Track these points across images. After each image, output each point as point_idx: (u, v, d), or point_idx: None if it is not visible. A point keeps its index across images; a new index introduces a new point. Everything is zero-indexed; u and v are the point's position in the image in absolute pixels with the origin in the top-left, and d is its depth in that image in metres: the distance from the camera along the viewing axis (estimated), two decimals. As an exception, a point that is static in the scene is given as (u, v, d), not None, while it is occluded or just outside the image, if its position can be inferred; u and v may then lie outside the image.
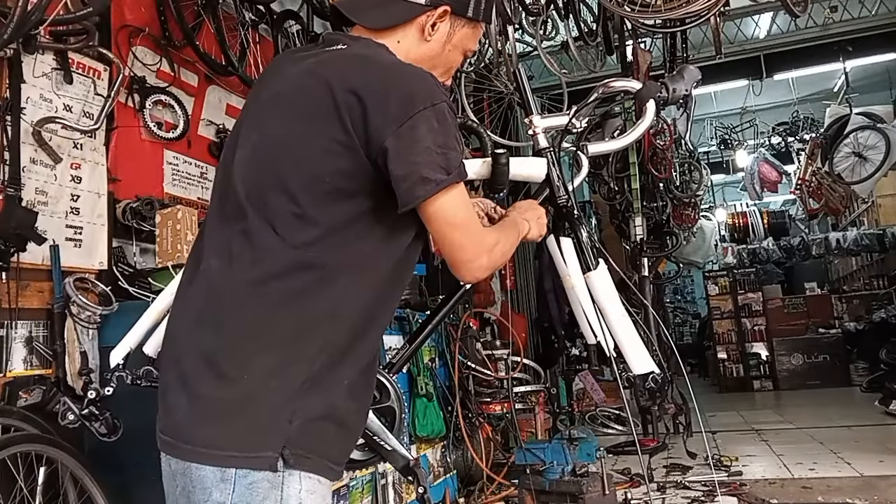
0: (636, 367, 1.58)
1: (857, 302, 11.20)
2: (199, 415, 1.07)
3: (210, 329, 1.11)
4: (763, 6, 6.28)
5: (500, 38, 4.24)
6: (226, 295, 1.12)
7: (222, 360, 1.08)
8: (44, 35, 2.51)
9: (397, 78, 1.14)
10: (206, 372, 1.08)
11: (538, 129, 1.69)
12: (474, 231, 1.18)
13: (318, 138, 1.11)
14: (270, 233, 1.11)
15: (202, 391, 1.08)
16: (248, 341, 1.09)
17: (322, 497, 1.11)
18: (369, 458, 1.57)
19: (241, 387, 1.06)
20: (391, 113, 1.08)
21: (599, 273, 1.61)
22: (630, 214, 6.14)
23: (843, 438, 5.43)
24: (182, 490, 1.08)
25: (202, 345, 1.11)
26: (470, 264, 1.18)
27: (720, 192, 13.81)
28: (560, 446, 3.57)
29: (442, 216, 1.12)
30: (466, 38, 1.36)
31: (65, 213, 2.65)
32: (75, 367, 2.50)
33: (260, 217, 1.12)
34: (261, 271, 1.10)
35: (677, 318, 15.50)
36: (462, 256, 1.17)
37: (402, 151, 1.07)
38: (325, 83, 1.12)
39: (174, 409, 1.10)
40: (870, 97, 9.00)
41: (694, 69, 1.75)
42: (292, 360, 1.09)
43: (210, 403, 1.07)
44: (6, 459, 2.08)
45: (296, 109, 1.15)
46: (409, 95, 1.10)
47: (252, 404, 1.06)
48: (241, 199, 1.15)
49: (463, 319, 4.32)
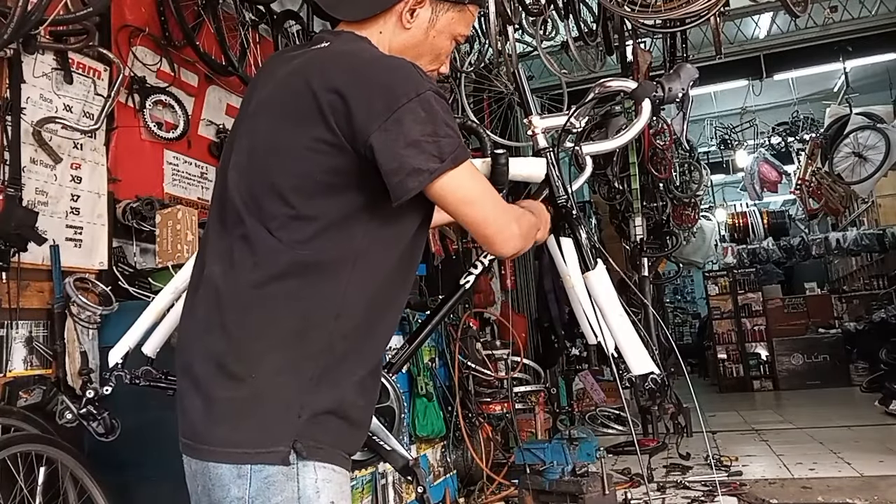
0: (635, 368, 1.58)
1: (857, 302, 11.20)
2: (213, 416, 1.10)
3: (218, 333, 1.13)
4: (763, 6, 6.28)
5: (500, 38, 4.24)
6: (230, 299, 1.14)
7: (231, 362, 1.11)
8: (44, 35, 2.51)
9: (378, 72, 1.13)
10: (217, 375, 1.11)
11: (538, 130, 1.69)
12: (493, 203, 1.17)
13: (305, 140, 1.11)
14: (267, 235, 1.12)
15: (215, 393, 1.10)
16: (254, 342, 1.11)
17: (339, 485, 1.14)
18: (369, 458, 1.57)
19: (251, 386, 1.09)
20: (374, 109, 1.07)
21: (598, 273, 1.61)
22: (630, 214, 6.14)
23: (843, 438, 5.43)
24: (203, 489, 1.12)
25: (212, 349, 1.13)
26: (500, 235, 1.18)
27: (720, 192, 13.80)
28: (560, 446, 3.58)
29: (451, 198, 1.12)
30: (454, 22, 1.32)
31: (65, 213, 2.65)
32: (75, 367, 2.50)
33: (256, 221, 1.13)
34: (262, 274, 1.12)
35: (677, 318, 15.50)
36: (488, 231, 1.16)
37: (390, 146, 1.07)
38: (307, 85, 1.11)
39: (190, 413, 1.13)
40: (870, 97, 9.00)
41: (691, 68, 1.75)
42: (298, 357, 1.11)
43: (223, 404, 1.10)
44: (6, 459, 2.08)
45: (282, 113, 1.15)
46: (391, 89, 1.09)
47: (262, 402, 1.09)
48: (237, 205, 1.16)
49: (463, 319, 4.33)
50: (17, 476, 2.13)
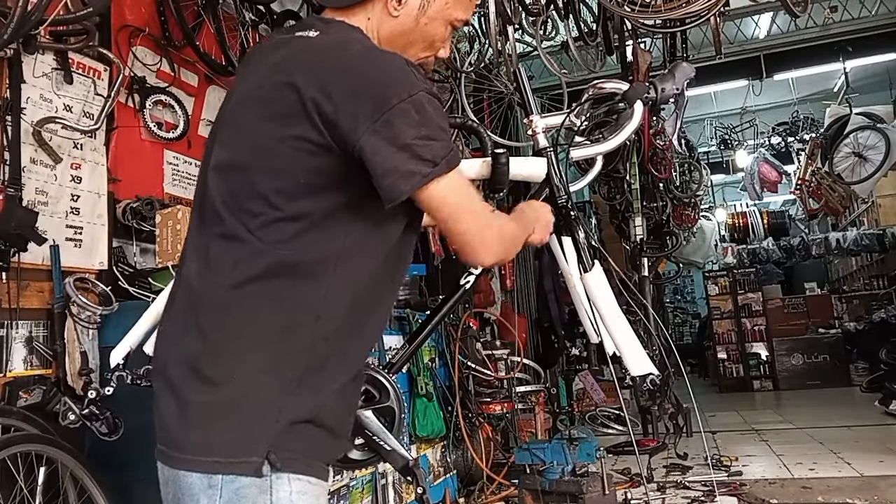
0: (634, 369, 1.59)
1: (857, 302, 11.20)
2: (186, 421, 1.06)
3: (193, 335, 1.09)
4: (763, 6, 6.27)
5: (501, 38, 4.24)
6: (206, 299, 1.10)
7: (206, 364, 1.06)
8: (44, 35, 2.51)
9: (368, 70, 1.07)
10: (192, 378, 1.07)
11: (538, 129, 1.69)
12: (475, 213, 1.13)
13: (289, 138, 1.06)
14: (247, 235, 1.08)
15: (189, 397, 1.06)
16: (231, 344, 1.07)
17: (315, 497, 1.09)
18: (369, 458, 1.57)
19: (226, 391, 1.05)
20: (364, 110, 1.03)
21: (594, 274, 1.61)
22: (630, 214, 6.14)
23: (843, 438, 5.43)
24: (173, 497, 1.08)
25: (187, 351, 1.09)
26: (481, 245, 1.14)
27: (720, 192, 13.80)
28: (560, 446, 3.56)
29: (439, 202, 1.08)
30: (449, 7, 1.25)
31: (65, 213, 2.65)
32: (75, 367, 2.50)
33: (236, 220, 1.09)
34: (240, 273, 1.08)
35: (677, 318, 15.50)
36: (467, 239, 1.13)
37: (381, 149, 1.03)
38: (291, 81, 1.06)
39: (165, 418, 1.09)
40: (870, 97, 9.00)
41: (687, 66, 1.74)
42: (279, 357, 1.07)
43: (196, 409, 1.06)
44: (6, 459, 2.08)
45: (265, 109, 1.10)
46: (382, 89, 1.04)
47: (236, 408, 1.05)
48: (216, 204, 1.12)
49: (463, 319, 4.32)
50: (17, 476, 2.13)
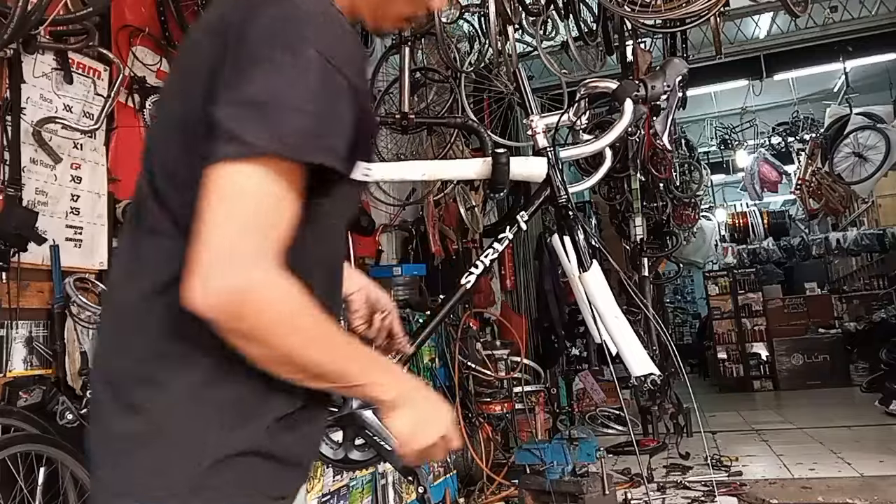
0: (634, 369, 1.59)
1: (857, 302, 11.19)
2: (108, 451, 0.91)
3: (113, 350, 0.94)
4: (763, 6, 6.27)
5: (500, 38, 4.24)
6: (127, 307, 0.93)
7: (127, 388, 0.90)
8: (44, 35, 2.51)
9: (266, 9, 0.85)
10: (113, 401, 0.91)
11: (538, 130, 1.69)
12: (253, 235, 0.81)
13: (199, 107, 0.86)
14: (172, 228, 0.89)
15: (112, 427, 0.91)
16: (151, 362, 0.89)
17: None
18: (369, 458, 1.57)
19: (147, 419, 0.88)
20: (244, 48, 0.83)
21: (592, 274, 1.61)
22: (630, 214, 6.14)
23: (843, 438, 5.43)
24: None
25: (111, 369, 0.94)
26: (203, 278, 0.79)
27: (720, 192, 13.80)
28: (560, 446, 3.57)
29: (217, 193, 0.80)
30: None
31: (65, 213, 2.65)
32: (75, 367, 2.50)
33: (164, 210, 0.90)
34: (167, 275, 0.87)
35: (677, 318, 15.49)
36: (200, 259, 0.80)
37: (226, 94, 0.81)
38: (202, 39, 0.91)
39: (92, 444, 0.94)
40: (870, 97, 9.00)
41: (679, 62, 1.74)
42: (206, 381, 0.88)
43: (116, 441, 0.90)
44: (6, 459, 2.08)
45: (182, 81, 0.94)
46: (267, 31, 0.83)
47: (156, 439, 0.87)
48: (145, 193, 0.94)
49: (463, 319, 4.32)
50: (17, 476, 2.13)
